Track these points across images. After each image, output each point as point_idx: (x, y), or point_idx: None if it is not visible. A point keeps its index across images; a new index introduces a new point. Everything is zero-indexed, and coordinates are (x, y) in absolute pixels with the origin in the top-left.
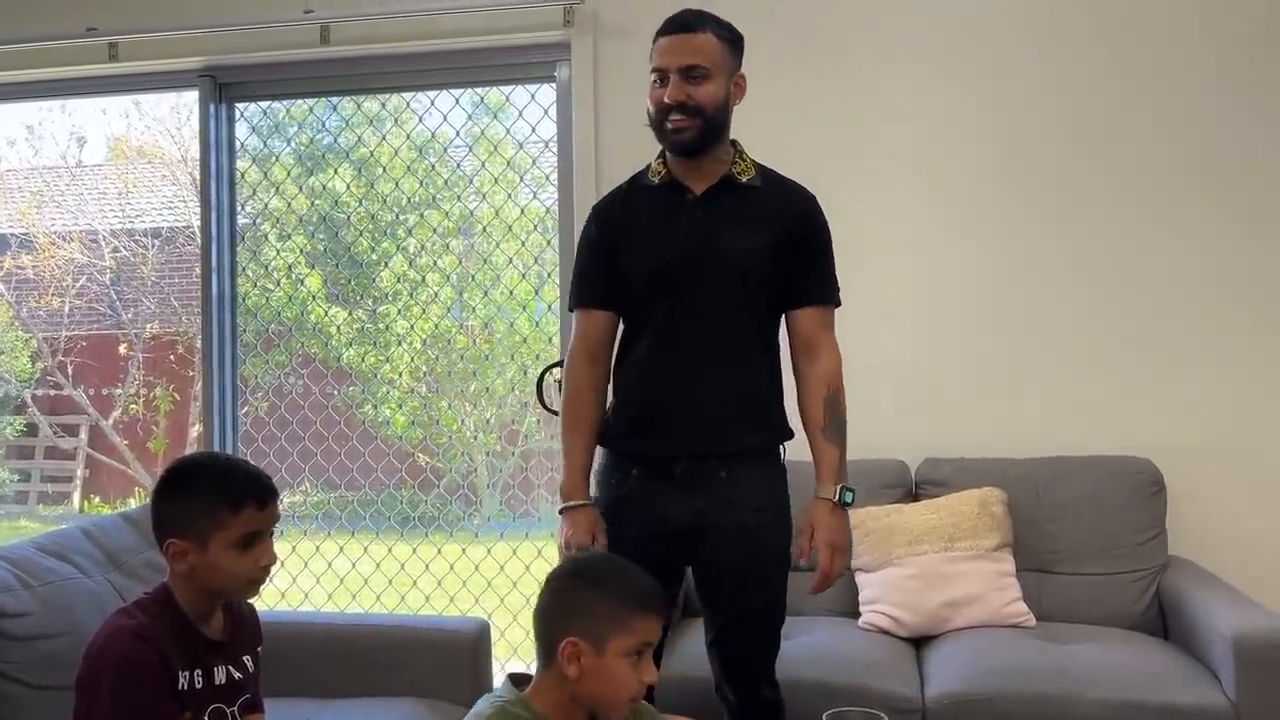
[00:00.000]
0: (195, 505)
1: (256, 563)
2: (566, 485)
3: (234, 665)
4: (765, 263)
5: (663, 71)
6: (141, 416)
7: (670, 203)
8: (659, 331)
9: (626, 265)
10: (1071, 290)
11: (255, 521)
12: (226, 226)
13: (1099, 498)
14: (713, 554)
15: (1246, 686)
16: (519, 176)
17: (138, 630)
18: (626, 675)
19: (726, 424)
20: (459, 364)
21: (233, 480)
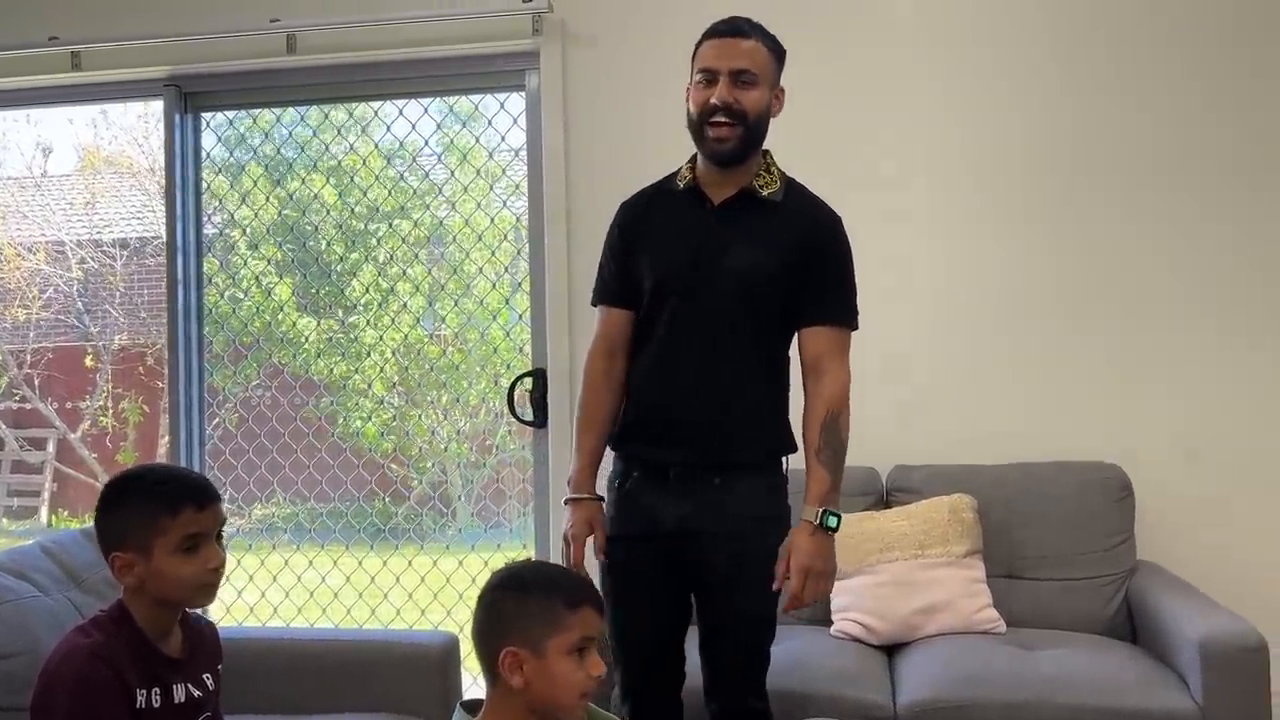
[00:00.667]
0: (134, 514)
1: (204, 566)
2: (574, 477)
3: (193, 683)
4: (772, 280)
5: (711, 72)
6: (110, 429)
7: (689, 210)
8: (663, 337)
9: (640, 268)
10: (1040, 298)
11: (195, 523)
12: (193, 237)
13: (1068, 503)
14: (700, 558)
15: (1214, 691)
16: (489, 185)
17: (94, 649)
18: (572, 673)
19: (720, 436)
20: (430, 374)
21: (168, 485)
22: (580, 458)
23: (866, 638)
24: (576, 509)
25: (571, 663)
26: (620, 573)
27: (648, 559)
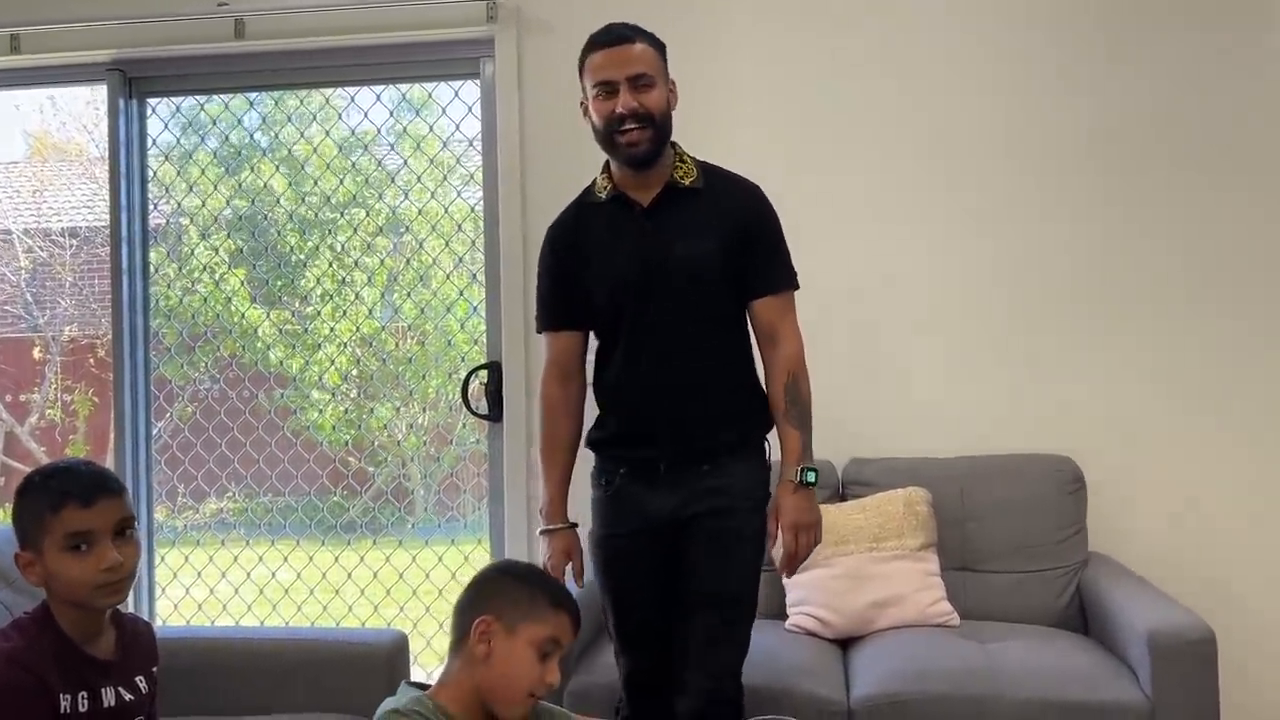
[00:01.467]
0: (26, 512)
1: (96, 567)
2: (545, 508)
3: (125, 686)
4: (717, 264)
5: (609, 83)
6: (60, 422)
7: (619, 217)
8: (626, 346)
9: (587, 283)
10: (992, 291)
11: (80, 521)
12: (138, 226)
13: (1021, 496)
14: (689, 541)
15: (1163, 682)
16: (443, 175)
17: (11, 654)
18: (531, 666)
19: (703, 427)
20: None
21: (54, 480)
22: (549, 488)
23: (821, 631)
24: (552, 540)
25: (534, 656)
26: (616, 568)
27: (642, 553)
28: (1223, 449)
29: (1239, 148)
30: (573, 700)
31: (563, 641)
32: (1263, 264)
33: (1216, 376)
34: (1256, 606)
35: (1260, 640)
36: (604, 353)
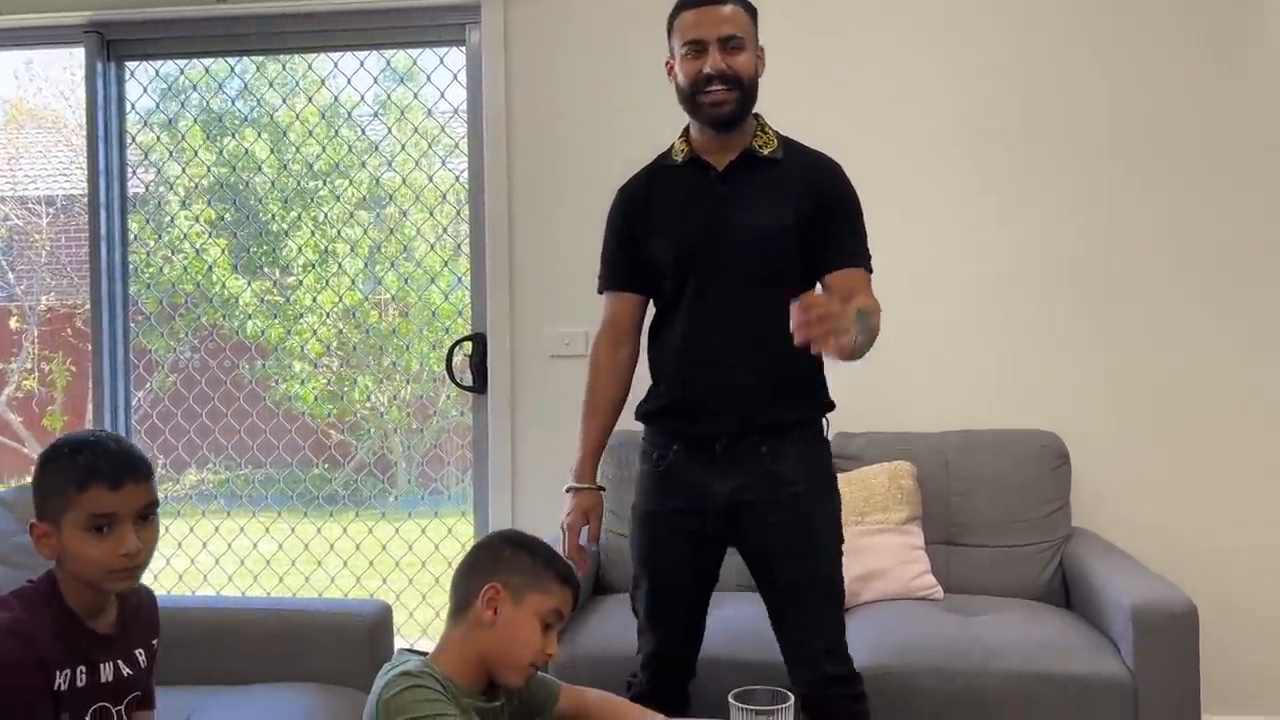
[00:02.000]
0: (49, 485)
1: (114, 550)
2: (574, 466)
3: (125, 660)
4: (788, 234)
5: (698, 43)
6: (37, 392)
7: (693, 181)
8: (689, 312)
9: (653, 248)
10: (979, 266)
11: (105, 503)
12: (117, 192)
13: (1005, 471)
14: (758, 532)
15: (1145, 656)
16: (427, 144)
17: (11, 625)
18: (535, 636)
19: (763, 401)
20: (368, 338)
21: (83, 457)
22: (583, 447)
23: None
24: (576, 497)
25: (538, 627)
26: (659, 547)
27: (690, 534)
28: (1207, 427)
29: (1236, 139)
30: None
31: (564, 614)
32: (1247, 248)
33: (1201, 356)
34: (1238, 581)
35: (1241, 614)
36: (662, 319)
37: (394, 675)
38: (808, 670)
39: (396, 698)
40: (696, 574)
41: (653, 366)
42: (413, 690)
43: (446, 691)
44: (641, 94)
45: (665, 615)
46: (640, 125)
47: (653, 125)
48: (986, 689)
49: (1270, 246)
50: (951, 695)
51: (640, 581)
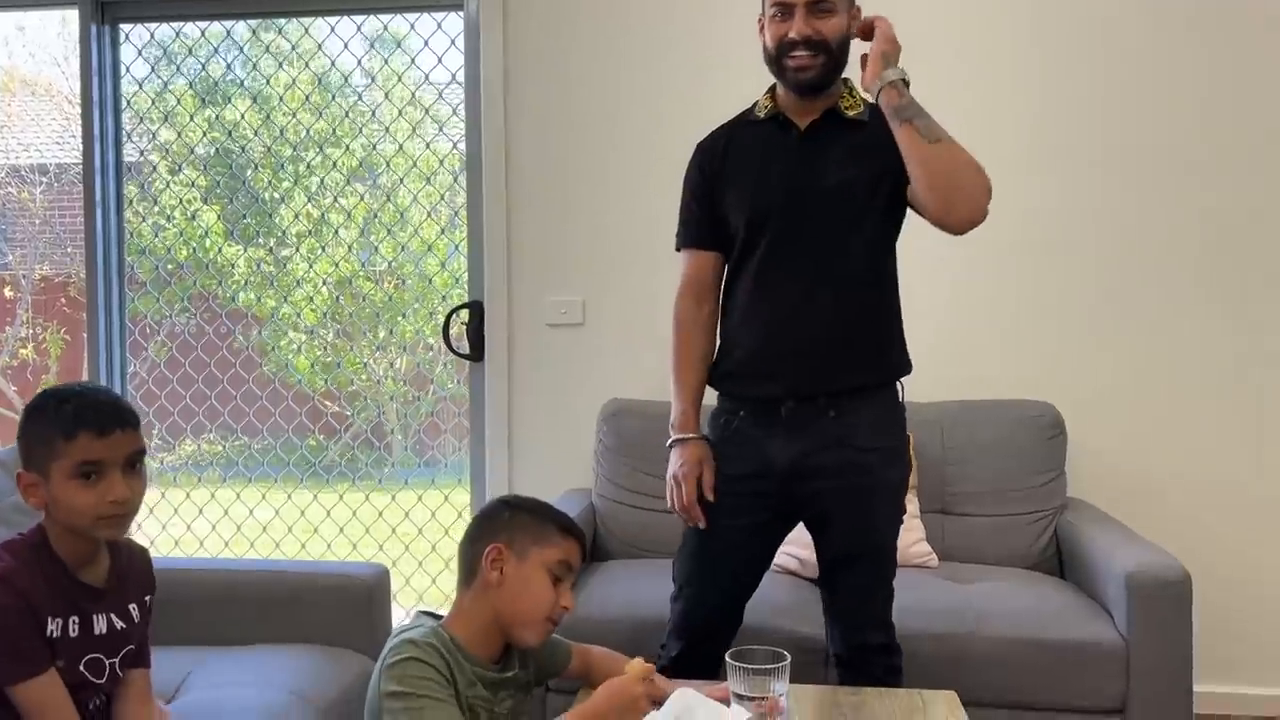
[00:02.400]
0: (36, 434)
1: (102, 497)
2: (677, 420)
3: (117, 613)
4: (868, 192)
5: (786, 5)
6: (32, 361)
7: (774, 138)
8: (759, 272)
9: (727, 205)
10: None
11: (93, 450)
12: (111, 158)
13: (1001, 441)
14: (817, 494)
15: (1138, 622)
16: (424, 111)
17: (3, 577)
18: (545, 589)
19: (831, 364)
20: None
21: (69, 405)
22: (681, 400)
23: (801, 571)
24: (684, 449)
25: (546, 579)
26: (719, 509)
27: (752, 498)
28: (1205, 398)
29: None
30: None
31: (573, 565)
32: (1242, 219)
33: (1197, 328)
34: (1233, 552)
35: (1234, 583)
36: (733, 279)
37: (400, 640)
38: (851, 635)
39: (394, 667)
40: (751, 543)
41: (722, 328)
42: (410, 664)
43: (452, 659)
44: (643, 61)
45: (711, 576)
46: (641, 93)
47: (654, 92)
48: (980, 655)
49: (1261, 216)
50: (945, 660)
51: (692, 545)
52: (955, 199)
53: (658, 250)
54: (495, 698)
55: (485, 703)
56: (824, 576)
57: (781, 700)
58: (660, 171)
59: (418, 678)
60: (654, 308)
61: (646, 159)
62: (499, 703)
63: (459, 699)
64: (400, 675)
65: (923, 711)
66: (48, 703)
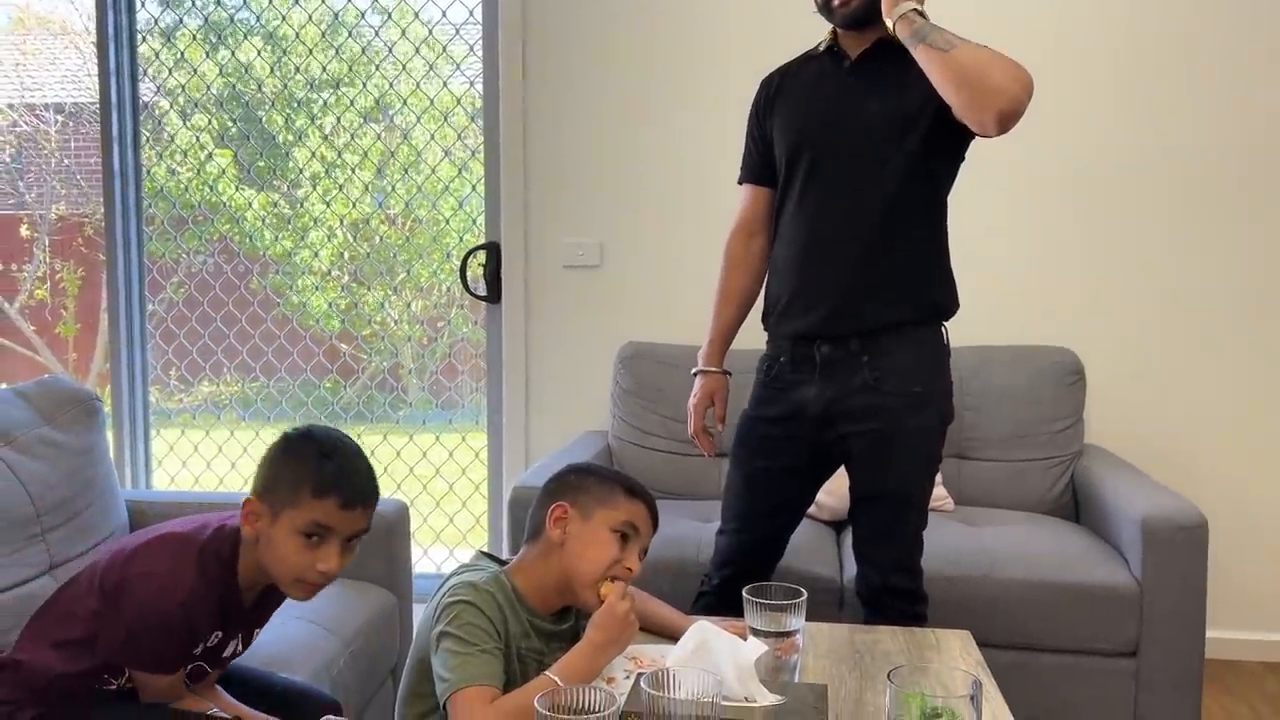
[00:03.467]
0: (285, 474)
1: (313, 565)
2: (702, 352)
3: (245, 639)
4: (913, 121)
5: None
6: (49, 301)
7: (828, 69)
8: (798, 203)
9: (775, 138)
10: (996, 182)
11: (331, 516)
12: (128, 93)
13: (1020, 386)
14: (843, 437)
15: (1154, 567)
16: (442, 47)
17: (186, 600)
18: (607, 548)
19: (862, 299)
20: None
21: (330, 464)
22: (712, 331)
23: (815, 513)
24: (702, 380)
25: (611, 540)
26: (755, 449)
27: (786, 440)
28: (1226, 345)
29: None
30: None
31: (640, 528)
32: (1264, 160)
33: (1216, 274)
34: (1250, 500)
35: (1248, 530)
36: (779, 214)
37: (461, 581)
38: (874, 577)
39: (450, 608)
40: (788, 484)
41: (769, 263)
42: (466, 609)
43: (509, 608)
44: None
45: (749, 515)
46: (661, 33)
47: (675, 33)
48: (993, 597)
49: None
50: (959, 602)
51: (733, 483)
52: (981, 93)
53: (675, 192)
54: (548, 648)
55: (536, 654)
56: (851, 515)
57: (798, 637)
58: (679, 112)
59: (471, 624)
60: (671, 250)
61: (666, 100)
62: (550, 654)
63: (509, 649)
64: (454, 618)
65: (936, 649)
66: (162, 689)
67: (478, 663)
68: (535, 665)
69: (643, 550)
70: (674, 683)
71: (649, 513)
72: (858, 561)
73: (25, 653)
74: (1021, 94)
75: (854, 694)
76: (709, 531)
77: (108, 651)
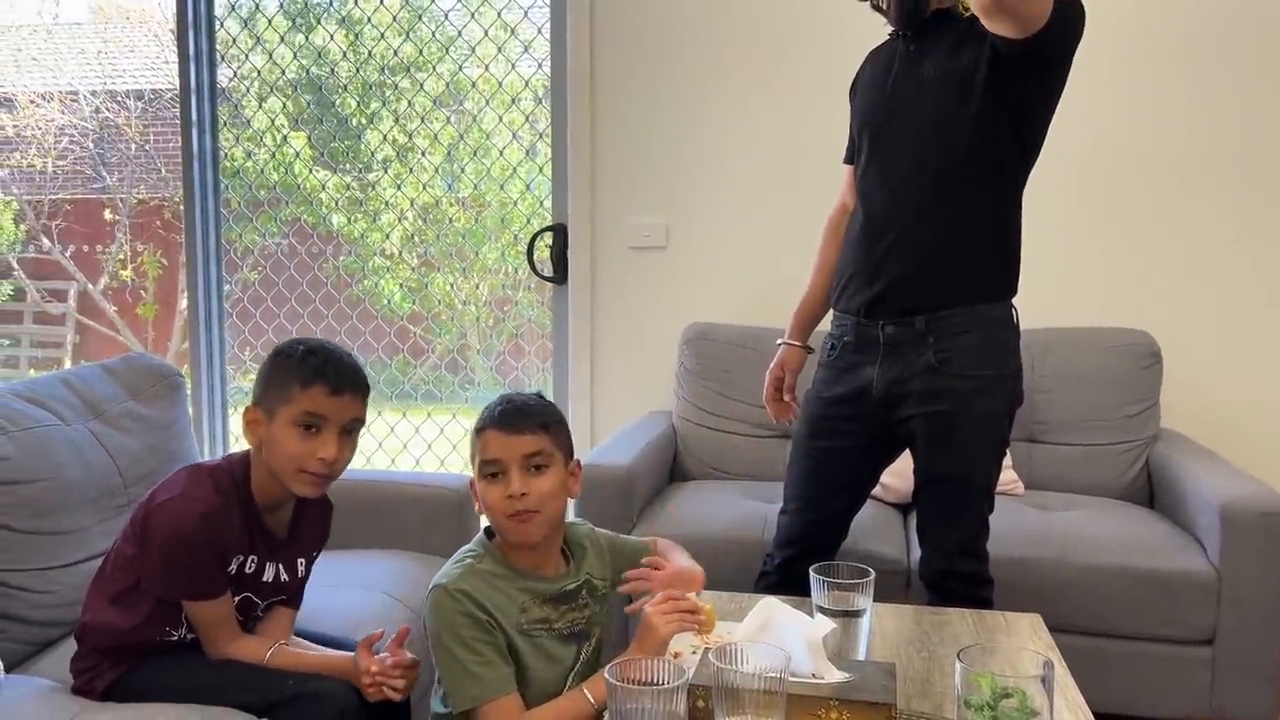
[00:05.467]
0: (274, 376)
1: (313, 453)
2: (790, 322)
3: (285, 565)
4: (962, 93)
5: None
6: (130, 283)
7: (895, 51)
8: (863, 181)
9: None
10: (1073, 162)
11: (321, 404)
12: (206, 79)
13: (1094, 369)
14: (907, 419)
15: (1232, 553)
16: (510, 30)
17: (205, 513)
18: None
19: (922, 273)
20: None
21: (315, 358)
22: (801, 302)
23: (883, 496)
24: (779, 351)
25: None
26: (815, 426)
27: (849, 420)
28: None
29: None
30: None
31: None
32: None
33: None
34: None
35: None
36: (861, 188)
37: (433, 585)
38: (937, 561)
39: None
40: (850, 464)
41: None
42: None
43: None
44: None
45: (812, 496)
46: (729, 18)
47: (743, 16)
48: (1065, 581)
49: None
50: (1031, 587)
51: (795, 462)
52: None
53: (742, 174)
54: (557, 612)
55: (543, 624)
56: (914, 497)
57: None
58: (748, 95)
59: (461, 632)
60: (736, 231)
61: (734, 83)
62: (561, 617)
63: (503, 635)
64: (435, 628)
65: (1006, 632)
66: (214, 620)
67: (486, 674)
68: (547, 634)
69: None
70: (742, 657)
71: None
72: (921, 545)
73: (89, 614)
74: None
75: (921, 674)
76: (773, 512)
77: (152, 589)
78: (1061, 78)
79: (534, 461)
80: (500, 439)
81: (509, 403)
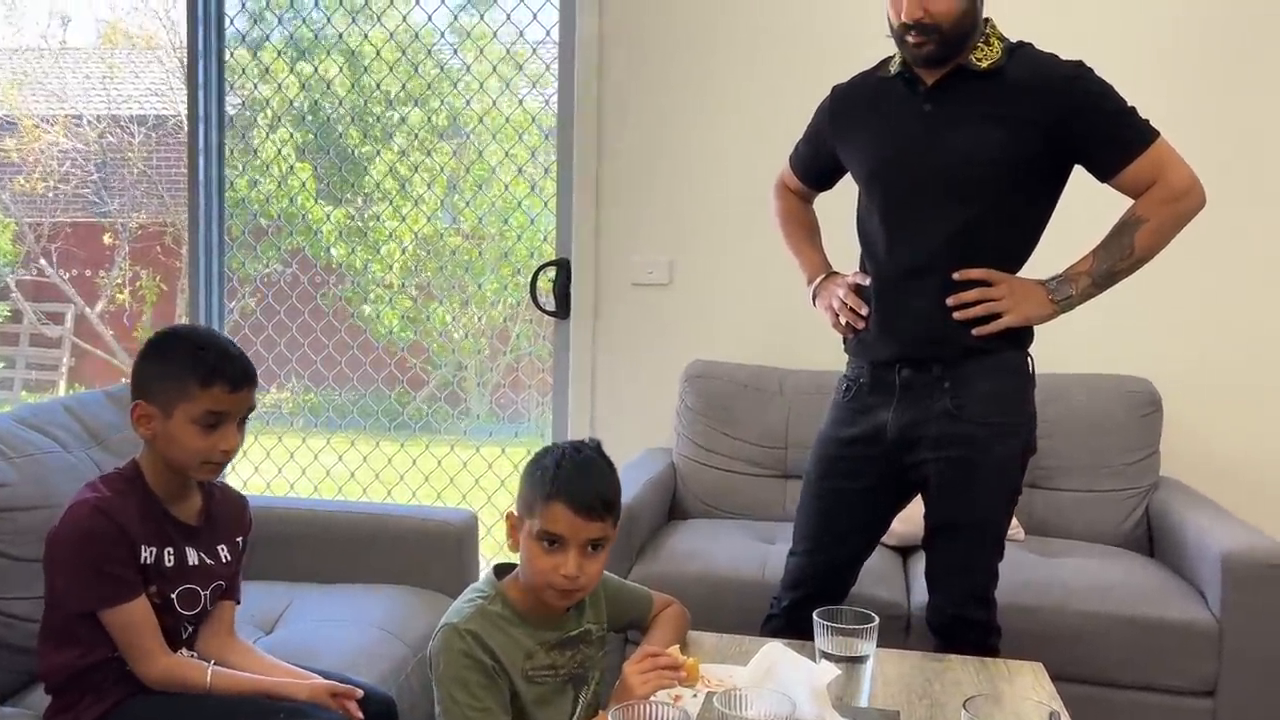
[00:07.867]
0: (168, 372)
1: (216, 445)
2: (807, 272)
3: (207, 552)
4: (994, 157)
5: None
6: (128, 307)
7: (901, 95)
8: (878, 230)
9: (844, 156)
10: (1074, 207)
11: (222, 402)
12: (215, 107)
13: (1094, 416)
14: (921, 463)
15: (1233, 603)
16: (518, 66)
17: (97, 503)
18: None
19: (943, 325)
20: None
21: (209, 355)
22: (805, 254)
23: (885, 539)
24: (828, 282)
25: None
26: (830, 470)
27: (863, 462)
28: None
29: None
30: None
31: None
32: None
33: None
34: None
35: None
36: (864, 223)
37: (443, 624)
38: (947, 607)
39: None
40: (862, 507)
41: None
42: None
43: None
44: (742, 20)
45: (823, 539)
46: (736, 55)
47: (748, 55)
48: (1067, 629)
49: None
50: (1032, 634)
51: (805, 503)
52: (1188, 217)
53: (747, 214)
54: (563, 657)
55: (548, 670)
56: (925, 542)
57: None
58: (754, 135)
59: (466, 678)
60: (740, 270)
61: (740, 122)
62: (565, 664)
63: (507, 681)
64: (440, 666)
65: (1008, 680)
66: (135, 627)
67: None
68: (552, 683)
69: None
70: (746, 703)
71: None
72: (930, 591)
73: (41, 662)
74: (1199, 204)
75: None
76: (773, 552)
77: (70, 605)
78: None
79: (595, 543)
80: (570, 519)
81: (584, 475)
